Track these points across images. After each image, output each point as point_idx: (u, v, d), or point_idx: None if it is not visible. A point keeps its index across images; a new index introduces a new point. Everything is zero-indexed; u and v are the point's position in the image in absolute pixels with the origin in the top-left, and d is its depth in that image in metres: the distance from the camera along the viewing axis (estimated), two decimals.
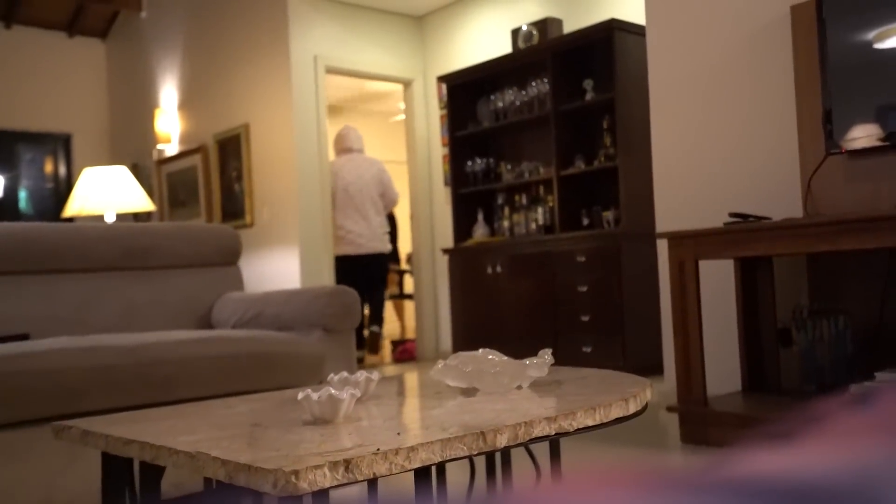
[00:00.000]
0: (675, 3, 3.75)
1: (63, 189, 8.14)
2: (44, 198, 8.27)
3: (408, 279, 8.66)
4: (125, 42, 8.27)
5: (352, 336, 2.87)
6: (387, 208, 6.49)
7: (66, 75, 8.24)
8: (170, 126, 7.51)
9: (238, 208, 6.70)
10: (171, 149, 7.53)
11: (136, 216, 7.19)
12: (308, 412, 1.37)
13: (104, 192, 5.55)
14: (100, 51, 8.54)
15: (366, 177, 6.35)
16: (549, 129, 5.52)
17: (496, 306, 5.61)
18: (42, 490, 2.14)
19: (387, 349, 7.54)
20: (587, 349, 5.01)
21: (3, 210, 7.94)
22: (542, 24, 5.66)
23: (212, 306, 3.20)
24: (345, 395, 1.35)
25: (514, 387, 1.62)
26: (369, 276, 6.38)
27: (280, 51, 6.26)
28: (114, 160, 8.19)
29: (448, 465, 1.65)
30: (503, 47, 6.16)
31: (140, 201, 5.76)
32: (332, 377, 1.62)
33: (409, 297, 8.46)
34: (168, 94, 7.59)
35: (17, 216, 8.00)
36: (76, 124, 8.30)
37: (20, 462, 2.13)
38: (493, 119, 6.05)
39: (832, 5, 3.00)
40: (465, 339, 5.76)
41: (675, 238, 3.05)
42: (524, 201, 5.86)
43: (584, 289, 5.03)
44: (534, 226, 5.71)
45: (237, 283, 3.36)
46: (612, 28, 5.05)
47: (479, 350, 1.68)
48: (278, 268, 6.27)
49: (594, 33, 5.18)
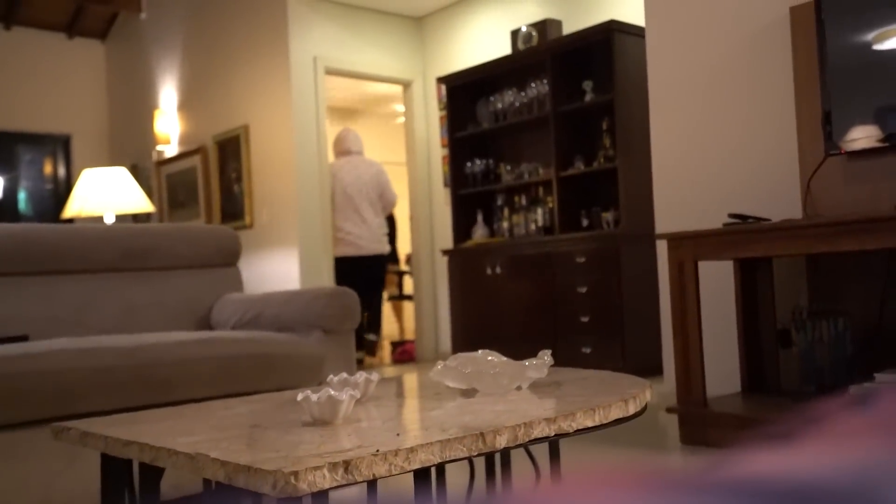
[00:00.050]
0: (674, 4, 3.76)
1: (62, 190, 8.14)
2: (43, 199, 8.27)
3: (407, 280, 8.66)
4: (125, 43, 8.27)
5: (351, 337, 2.87)
6: (385, 210, 6.49)
7: (65, 76, 8.24)
8: (169, 127, 7.51)
9: (237, 209, 6.70)
10: (170, 150, 7.53)
11: (136, 217, 7.19)
12: (307, 413, 1.37)
13: (103, 193, 5.55)
14: (99, 52, 8.54)
15: (364, 178, 6.35)
16: (548, 131, 5.52)
17: (496, 307, 5.61)
18: (41, 491, 2.14)
19: (386, 350, 7.54)
20: (587, 350, 5.01)
21: (2, 211, 7.94)
22: (542, 26, 5.66)
23: (211, 307, 3.20)
24: (344, 397, 1.35)
25: (514, 388, 1.62)
26: (369, 277, 6.39)
27: (280, 52, 6.26)
28: (113, 161, 8.19)
29: (447, 467, 1.65)
30: (503, 48, 6.16)
31: (139, 202, 5.76)
32: (331, 378, 1.63)
33: (409, 298, 8.46)
34: (167, 95, 7.59)
35: (16, 217, 8.00)
36: (76, 125, 8.30)
37: (19, 463, 2.12)
38: (493, 120, 6.05)
39: (831, 6, 3.00)
40: (465, 340, 5.76)
41: (675, 239, 3.05)
42: (524, 202, 5.86)
43: (584, 290, 5.03)
44: (533, 227, 5.71)
45: (237, 284, 3.36)
46: (612, 29, 5.05)
47: (479, 351, 1.68)
48: (278, 269, 6.27)
49: (593, 34, 5.18)
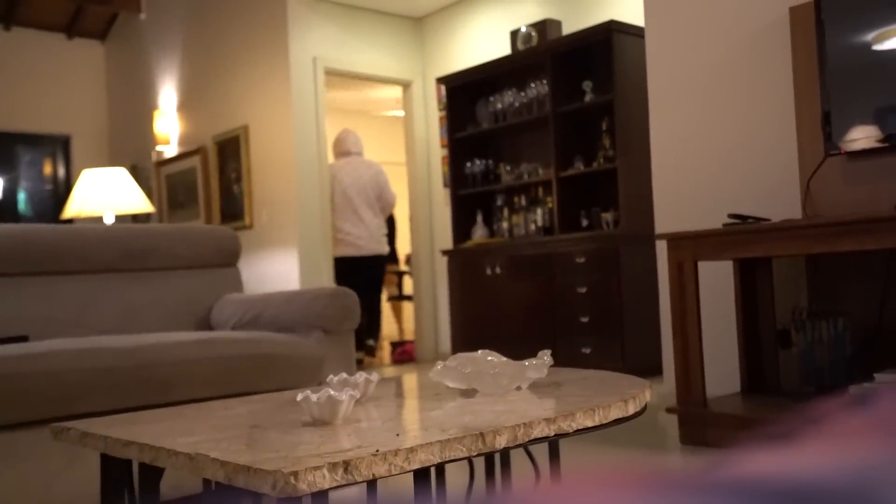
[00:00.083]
0: (673, 4, 3.76)
1: (62, 190, 8.14)
2: (43, 199, 8.27)
3: (407, 280, 8.66)
4: (124, 44, 8.27)
5: (351, 337, 2.87)
6: (384, 211, 6.49)
7: (65, 77, 8.24)
8: (169, 127, 7.51)
9: (237, 210, 6.70)
10: (170, 150, 7.53)
11: (135, 218, 7.19)
12: (307, 413, 1.37)
13: (103, 193, 5.55)
14: (99, 52, 8.54)
15: (363, 179, 6.36)
16: (548, 131, 5.52)
17: (495, 307, 5.61)
18: (41, 491, 2.14)
19: (386, 351, 7.54)
20: (586, 350, 5.01)
21: (2, 211, 7.94)
22: (542, 26, 5.66)
23: (211, 308, 3.20)
24: (344, 397, 1.35)
25: (514, 388, 1.62)
26: (368, 277, 6.40)
27: (279, 52, 6.26)
28: (113, 162, 8.19)
29: (447, 467, 1.65)
30: (502, 49, 6.16)
31: (139, 203, 5.76)
32: (331, 378, 1.63)
33: (408, 298, 8.46)
34: (167, 95, 7.59)
35: (16, 218, 8.00)
36: (75, 126, 8.30)
37: (19, 463, 2.12)
38: (493, 120, 6.05)
39: (831, 7, 3.00)
40: (465, 340, 5.76)
41: (675, 239, 3.05)
42: (523, 203, 5.86)
43: (584, 290, 5.03)
44: (533, 227, 5.71)
45: (236, 285, 3.36)
46: (611, 29, 5.05)
47: (479, 351, 1.68)
48: (277, 269, 6.27)
49: (593, 35, 5.18)
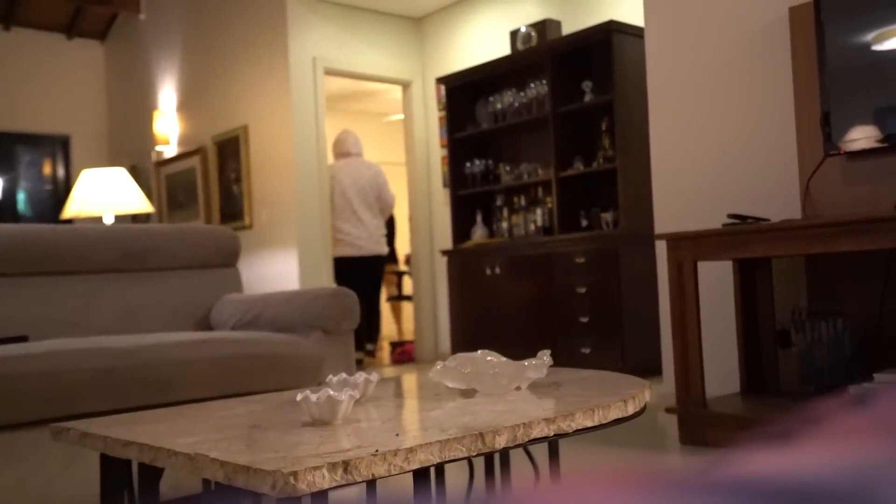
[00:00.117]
0: (673, 4, 3.76)
1: (62, 191, 8.14)
2: (42, 199, 8.27)
3: (406, 280, 8.66)
4: (124, 44, 8.27)
5: (351, 337, 2.87)
6: (382, 211, 6.49)
7: (64, 77, 8.24)
8: (168, 128, 7.51)
9: (237, 210, 6.70)
10: (169, 150, 7.53)
11: (135, 218, 7.19)
12: (307, 413, 1.37)
13: (103, 193, 5.55)
14: (98, 52, 8.54)
15: (362, 180, 6.37)
16: (547, 131, 5.52)
17: (495, 308, 5.61)
18: (40, 492, 2.14)
19: (385, 351, 7.54)
20: (586, 350, 5.01)
21: (1, 212, 7.94)
22: (541, 26, 5.66)
23: (211, 308, 3.20)
24: (343, 397, 1.35)
25: (513, 388, 1.62)
26: (367, 277, 6.41)
27: (279, 52, 6.26)
28: (112, 162, 8.19)
29: (447, 467, 1.65)
30: (502, 49, 6.16)
31: (139, 203, 5.76)
32: (330, 378, 1.63)
33: (408, 298, 8.46)
34: (167, 95, 7.59)
35: (15, 218, 8.00)
36: (75, 126, 8.30)
37: (19, 464, 2.12)
38: (492, 121, 6.05)
39: (830, 7, 3.00)
40: (464, 340, 5.76)
41: (674, 239, 3.05)
42: (523, 203, 5.86)
43: (583, 290, 5.03)
44: (532, 227, 5.71)
45: (236, 285, 3.35)
46: (611, 30, 5.05)
47: (478, 351, 1.68)
48: (277, 269, 6.27)
49: (593, 35, 5.18)
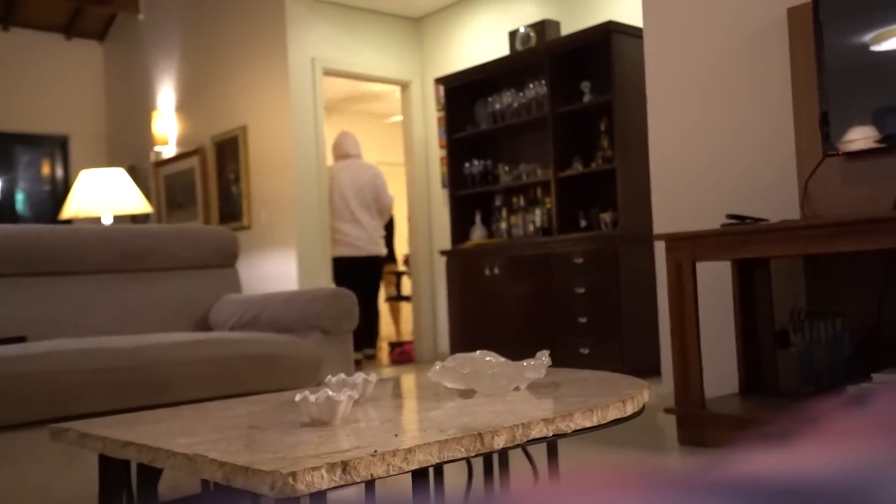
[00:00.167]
0: (672, 5, 3.76)
1: (60, 191, 8.13)
2: (41, 200, 8.27)
3: (405, 281, 8.66)
4: (123, 44, 8.26)
5: (350, 338, 2.87)
6: (381, 213, 6.50)
7: (63, 77, 8.23)
8: (167, 128, 7.51)
9: (236, 210, 6.70)
10: (168, 151, 7.52)
11: (134, 218, 7.19)
12: (306, 414, 1.37)
13: (101, 194, 5.54)
14: (97, 53, 8.54)
15: (361, 182, 6.38)
16: (546, 132, 5.52)
17: (494, 308, 5.61)
18: (39, 493, 2.13)
19: (384, 351, 7.54)
20: (585, 351, 5.01)
21: (0, 212, 7.93)
22: (540, 26, 5.66)
23: (210, 308, 3.20)
24: (342, 397, 1.35)
25: (512, 388, 1.62)
26: (366, 278, 6.41)
27: (278, 53, 6.26)
28: (111, 162, 8.18)
29: (446, 467, 1.65)
30: (501, 49, 6.17)
31: (137, 203, 5.76)
32: (329, 379, 1.63)
33: (407, 299, 8.46)
34: (165, 96, 7.58)
35: (14, 218, 7.99)
36: (73, 126, 8.30)
37: (17, 465, 2.12)
38: (491, 121, 6.05)
39: (829, 7, 3.00)
40: (463, 340, 5.76)
41: (673, 240, 3.05)
42: (522, 203, 5.86)
43: (582, 290, 5.04)
44: (531, 227, 5.71)
45: (235, 285, 3.35)
46: (610, 30, 5.05)
47: (477, 352, 1.68)
48: (276, 270, 6.27)
49: (592, 35, 5.18)
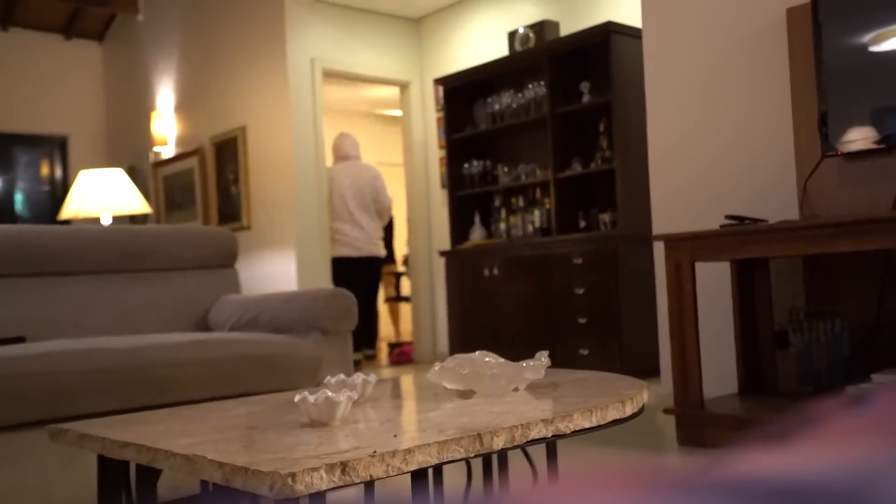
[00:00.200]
0: (671, 5, 3.76)
1: (59, 191, 8.13)
2: (40, 200, 8.26)
3: (405, 281, 8.66)
4: (122, 44, 8.26)
5: (349, 338, 2.87)
6: (379, 214, 6.50)
7: (62, 78, 8.23)
8: (166, 128, 7.50)
9: (235, 211, 6.70)
10: (167, 151, 7.52)
11: (133, 219, 7.18)
12: (305, 415, 1.37)
13: (101, 194, 5.54)
14: (96, 53, 8.53)
15: (360, 183, 6.38)
16: (545, 132, 5.52)
17: (493, 309, 5.61)
18: (38, 493, 2.13)
19: (384, 352, 7.54)
20: (584, 351, 5.01)
21: None
22: (539, 27, 5.66)
23: (209, 309, 3.20)
24: (342, 398, 1.35)
25: (511, 389, 1.62)
26: (366, 278, 6.41)
27: (277, 53, 6.26)
28: (110, 162, 8.18)
29: (445, 468, 1.65)
30: (500, 50, 6.17)
31: (136, 204, 5.76)
32: (329, 380, 1.63)
33: (406, 299, 8.46)
34: (165, 96, 7.58)
35: (13, 219, 7.99)
36: (73, 127, 8.29)
37: (16, 465, 2.12)
38: (490, 121, 6.05)
39: (828, 8, 3.01)
40: (462, 341, 5.76)
41: (672, 240, 3.05)
42: (521, 203, 5.86)
43: (581, 291, 5.04)
44: (531, 228, 5.72)
45: (234, 286, 3.35)
46: (609, 31, 5.05)
47: (476, 352, 1.68)
48: (275, 270, 6.27)
49: (591, 36, 5.18)
